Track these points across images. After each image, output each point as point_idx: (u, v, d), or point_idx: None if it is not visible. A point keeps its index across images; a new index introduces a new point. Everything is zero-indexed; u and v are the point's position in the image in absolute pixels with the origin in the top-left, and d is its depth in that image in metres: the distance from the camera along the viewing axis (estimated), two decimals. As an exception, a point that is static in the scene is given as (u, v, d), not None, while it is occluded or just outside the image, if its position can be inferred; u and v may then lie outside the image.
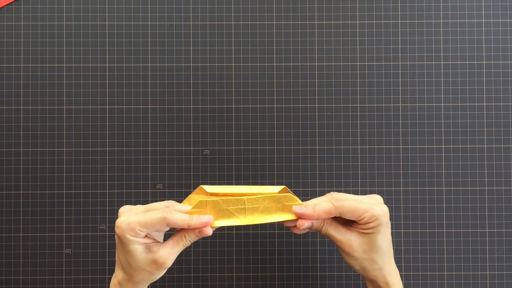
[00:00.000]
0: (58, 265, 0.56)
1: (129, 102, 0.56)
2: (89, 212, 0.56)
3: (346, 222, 0.47)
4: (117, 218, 0.56)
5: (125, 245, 0.43)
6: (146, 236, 0.44)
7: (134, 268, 0.44)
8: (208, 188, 0.46)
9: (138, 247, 0.43)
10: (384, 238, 0.45)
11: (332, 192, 0.46)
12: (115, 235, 0.44)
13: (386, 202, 0.56)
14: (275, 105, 0.57)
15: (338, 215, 0.44)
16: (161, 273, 0.45)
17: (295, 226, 0.45)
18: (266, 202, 0.45)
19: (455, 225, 0.56)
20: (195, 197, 0.47)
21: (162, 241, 0.48)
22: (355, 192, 0.56)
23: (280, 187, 0.47)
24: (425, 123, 0.56)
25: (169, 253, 0.44)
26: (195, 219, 0.43)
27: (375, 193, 0.56)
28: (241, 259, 0.56)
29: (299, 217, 0.45)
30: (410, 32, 0.57)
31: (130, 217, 0.43)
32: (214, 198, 0.44)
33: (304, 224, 0.45)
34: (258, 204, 0.45)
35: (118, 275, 0.45)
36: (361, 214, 0.44)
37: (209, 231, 0.44)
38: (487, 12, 0.57)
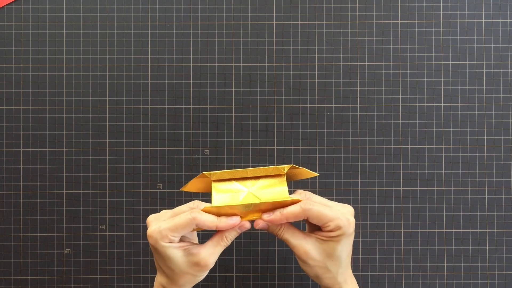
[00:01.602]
0: (58, 265, 0.56)
1: (129, 102, 0.56)
2: (89, 212, 0.56)
3: (309, 226, 0.47)
4: (117, 222, 0.56)
5: (163, 253, 0.43)
6: (180, 240, 0.44)
7: (177, 273, 0.44)
8: (213, 175, 0.46)
9: (176, 252, 0.43)
10: (344, 249, 0.44)
11: (307, 192, 0.46)
12: (151, 246, 0.44)
13: (386, 202, 0.56)
14: (275, 105, 0.57)
15: (305, 219, 0.44)
16: (205, 274, 0.45)
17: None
18: (271, 205, 0.44)
19: (455, 225, 0.56)
20: (197, 181, 0.47)
21: (196, 241, 0.47)
22: (355, 193, 0.56)
23: (287, 166, 0.46)
24: (425, 123, 0.56)
25: (210, 254, 0.44)
26: (223, 221, 0.43)
27: (375, 193, 0.56)
28: (241, 259, 0.56)
29: (269, 222, 0.44)
30: (410, 32, 0.57)
31: (160, 224, 0.43)
32: (220, 205, 0.44)
33: (260, 224, 0.45)
34: (266, 208, 0.44)
35: (161, 280, 0.45)
36: (327, 222, 0.43)
37: (248, 225, 0.44)
38: (487, 12, 0.57)
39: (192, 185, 0.48)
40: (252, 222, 0.45)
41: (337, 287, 0.46)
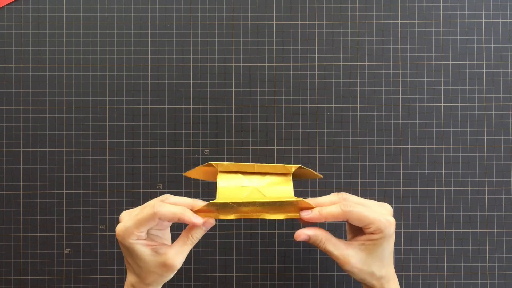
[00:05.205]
0: (58, 265, 0.56)
1: (129, 102, 0.56)
2: (89, 212, 0.56)
3: (350, 227, 0.48)
4: (117, 222, 0.56)
5: (131, 250, 0.43)
6: (151, 239, 0.44)
7: (145, 271, 0.44)
8: (220, 166, 0.46)
9: (144, 250, 0.43)
10: (385, 251, 0.45)
11: (343, 193, 0.46)
12: (119, 242, 0.44)
13: (386, 202, 0.56)
14: (275, 105, 0.57)
15: (345, 220, 0.44)
16: (172, 274, 0.45)
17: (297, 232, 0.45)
18: (278, 204, 0.45)
19: (455, 225, 0.56)
20: (202, 169, 0.47)
21: (169, 241, 0.48)
22: (355, 192, 0.56)
23: (295, 166, 0.47)
24: (425, 123, 0.56)
25: (177, 254, 0.44)
26: (187, 215, 0.43)
27: (375, 193, 0.56)
28: (241, 259, 0.56)
29: (307, 221, 0.45)
30: (410, 32, 0.57)
31: (126, 222, 0.44)
32: (226, 201, 0.44)
33: (301, 236, 0.45)
34: (270, 207, 0.45)
35: (131, 279, 0.46)
36: (368, 224, 0.43)
37: (212, 221, 0.44)
38: (487, 12, 0.57)
39: (196, 172, 0.48)
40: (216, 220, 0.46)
41: (379, 287, 0.46)
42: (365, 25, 0.57)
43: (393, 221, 0.44)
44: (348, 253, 0.44)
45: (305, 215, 0.44)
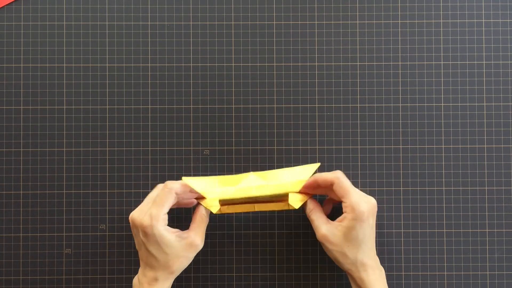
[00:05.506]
0: (58, 265, 0.56)
1: (129, 102, 0.56)
2: (89, 212, 0.56)
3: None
4: (117, 222, 0.56)
5: (159, 238, 0.46)
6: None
7: (173, 257, 0.47)
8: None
9: (171, 236, 0.47)
10: (359, 235, 0.47)
11: (338, 171, 0.50)
12: (143, 236, 0.47)
13: (386, 202, 0.56)
14: (275, 105, 0.57)
15: (330, 185, 0.48)
16: (194, 255, 0.49)
17: None
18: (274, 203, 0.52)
19: (455, 225, 0.56)
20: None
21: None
22: (355, 192, 0.56)
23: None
24: (425, 123, 0.56)
25: (198, 234, 0.49)
26: (188, 191, 0.50)
27: (375, 193, 0.56)
28: (241, 259, 0.56)
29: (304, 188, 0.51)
30: (410, 32, 0.57)
31: (148, 211, 0.47)
32: (224, 212, 0.52)
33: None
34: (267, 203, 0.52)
35: (152, 274, 0.48)
36: (344, 195, 0.47)
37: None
38: (487, 12, 0.57)
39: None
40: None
41: (356, 275, 0.48)
42: (365, 25, 0.57)
43: (367, 209, 0.47)
44: (326, 228, 0.49)
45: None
